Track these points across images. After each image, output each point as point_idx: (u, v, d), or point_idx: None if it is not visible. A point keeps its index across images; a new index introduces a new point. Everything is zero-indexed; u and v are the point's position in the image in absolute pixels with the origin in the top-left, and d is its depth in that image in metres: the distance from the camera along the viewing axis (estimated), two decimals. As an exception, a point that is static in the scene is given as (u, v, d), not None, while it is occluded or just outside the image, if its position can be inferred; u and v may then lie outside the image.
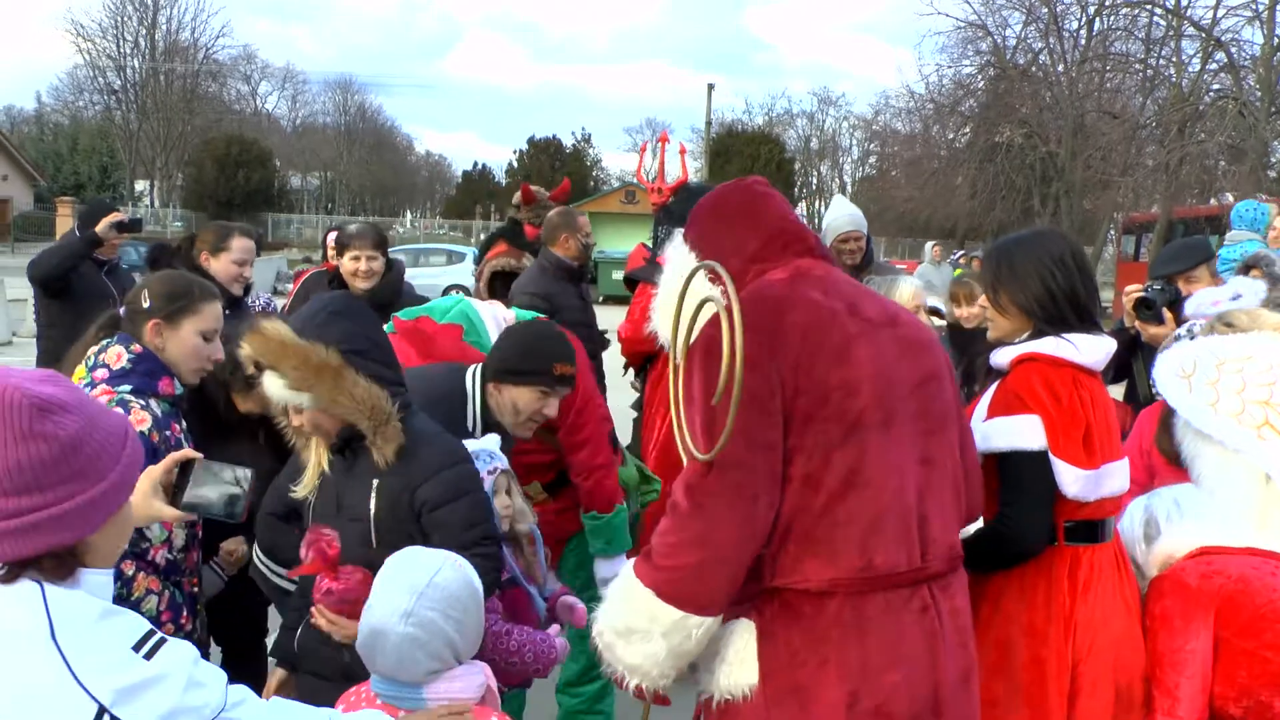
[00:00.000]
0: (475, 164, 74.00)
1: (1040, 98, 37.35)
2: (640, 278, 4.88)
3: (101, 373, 3.05)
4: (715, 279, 2.38)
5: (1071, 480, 2.78)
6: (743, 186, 2.69)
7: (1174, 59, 34.03)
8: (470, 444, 3.19)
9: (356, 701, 2.45)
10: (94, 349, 3.12)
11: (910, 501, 2.38)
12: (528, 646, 3.05)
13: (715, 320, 2.32)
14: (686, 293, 2.39)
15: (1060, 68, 37.74)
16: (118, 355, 3.07)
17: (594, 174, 68.01)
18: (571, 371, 3.56)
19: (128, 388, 3.03)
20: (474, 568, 2.52)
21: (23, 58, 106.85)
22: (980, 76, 40.05)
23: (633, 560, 2.42)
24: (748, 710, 2.37)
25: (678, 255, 2.63)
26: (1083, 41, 37.40)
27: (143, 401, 3.02)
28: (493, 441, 3.31)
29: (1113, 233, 37.00)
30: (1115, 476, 2.89)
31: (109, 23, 63.59)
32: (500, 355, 3.58)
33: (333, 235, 6.13)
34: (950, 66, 40.19)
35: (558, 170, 58.25)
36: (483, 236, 54.25)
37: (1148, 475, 4.16)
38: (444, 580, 2.40)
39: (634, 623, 2.35)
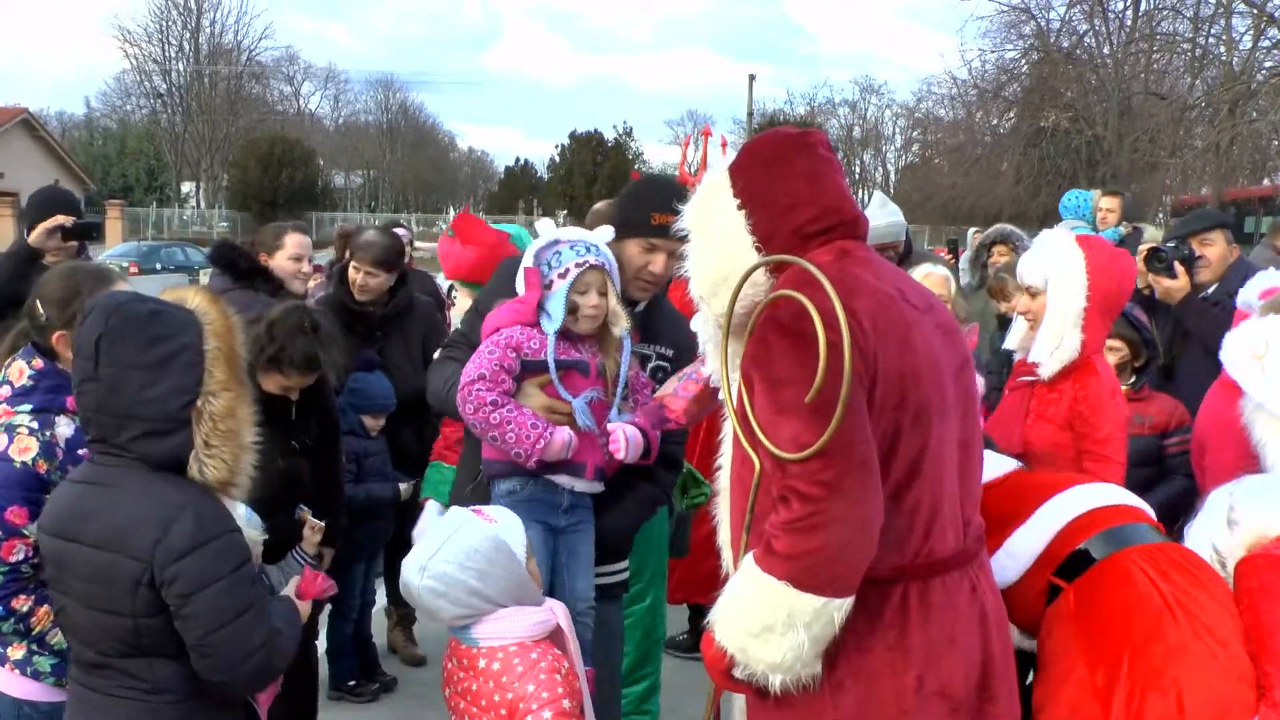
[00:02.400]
0: (517, 159, 74.18)
1: (1085, 80, 36.83)
2: None
3: (4, 390, 2.86)
4: (775, 269, 2.38)
5: None
6: (806, 145, 2.50)
7: (1224, 37, 33.38)
8: (571, 231, 3.17)
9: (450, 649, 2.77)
10: (6, 362, 2.92)
11: (955, 486, 2.40)
12: (510, 425, 2.99)
13: (787, 303, 2.26)
14: (745, 281, 2.37)
15: (1106, 49, 37.20)
16: (19, 371, 2.87)
17: (636, 167, 67.91)
18: (674, 221, 3.37)
19: (28, 408, 2.82)
20: None
21: (73, 64, 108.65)
22: (1024, 60, 39.50)
23: (749, 560, 2.30)
24: (808, 698, 2.34)
25: (720, 201, 2.48)
26: (1129, 22, 36.82)
27: (37, 424, 2.80)
28: (606, 234, 3.22)
29: (1161, 216, 36.39)
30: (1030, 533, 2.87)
31: (154, 27, 64.37)
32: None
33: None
34: (993, 51, 39.67)
35: (600, 164, 58.23)
36: (525, 231, 54.37)
37: (1237, 451, 3.98)
38: (463, 535, 2.68)
39: (769, 619, 2.24)
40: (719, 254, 2.44)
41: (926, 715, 2.32)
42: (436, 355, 3.42)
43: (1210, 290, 4.99)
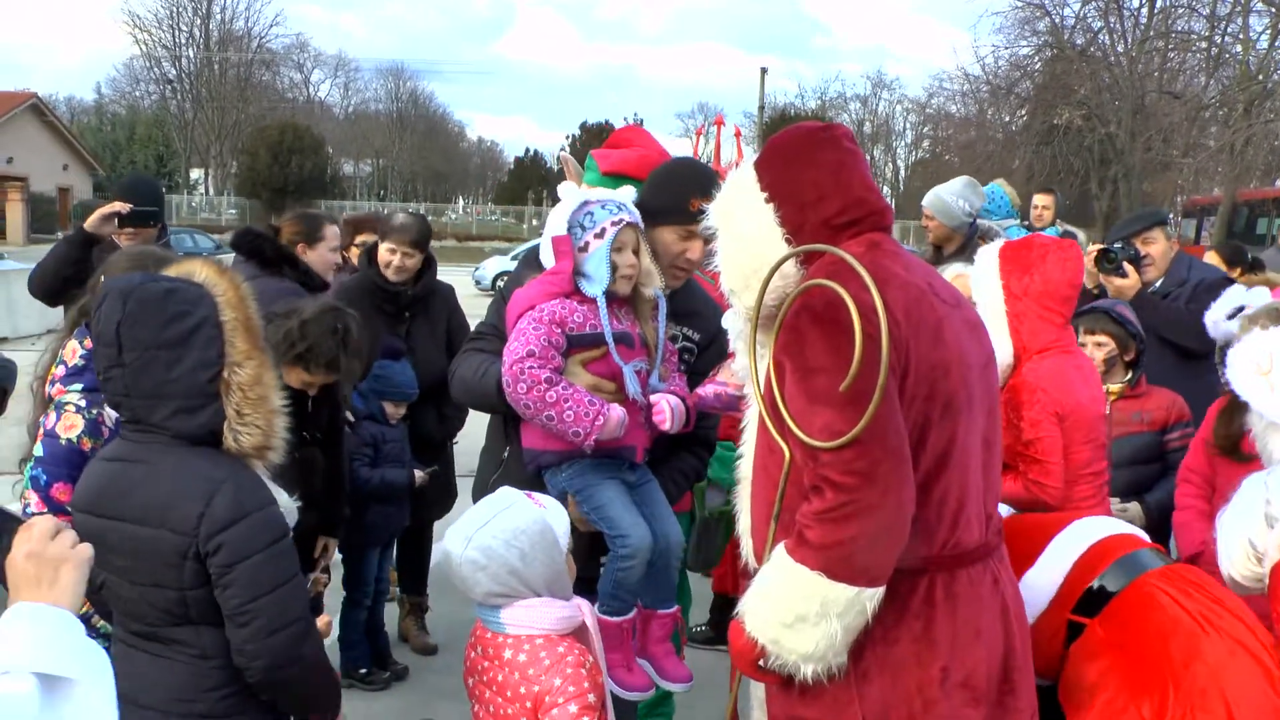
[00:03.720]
0: (527, 150, 74.20)
1: (1099, 78, 36.68)
2: None
3: (59, 370, 2.88)
4: (805, 260, 2.38)
5: None
6: (831, 138, 2.49)
7: (1241, 36, 33.27)
8: (603, 192, 3.09)
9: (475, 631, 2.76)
10: (64, 343, 2.96)
11: (979, 479, 2.41)
12: (568, 403, 2.87)
13: (820, 292, 2.25)
14: (776, 271, 2.36)
15: (1120, 47, 37.09)
16: (73, 351, 2.88)
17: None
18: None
19: (79, 387, 2.83)
20: None
21: (83, 50, 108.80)
22: (1037, 58, 39.41)
23: (780, 550, 2.28)
24: (834, 688, 2.34)
25: (747, 196, 2.48)
26: (1144, 20, 36.72)
27: (85, 402, 2.81)
28: (629, 193, 3.15)
29: (1173, 216, 36.32)
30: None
31: (164, 13, 64.65)
32: (640, 197, 3.26)
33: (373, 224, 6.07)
34: (1007, 48, 39.61)
35: (609, 156, 58.14)
36: (535, 223, 54.54)
37: (1210, 466, 3.97)
38: (513, 513, 2.64)
39: (802, 610, 2.23)
40: (749, 247, 2.44)
41: (950, 705, 2.32)
42: (463, 347, 3.29)
43: (1157, 285, 5.21)
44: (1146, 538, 3.06)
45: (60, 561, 1.75)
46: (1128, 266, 5.05)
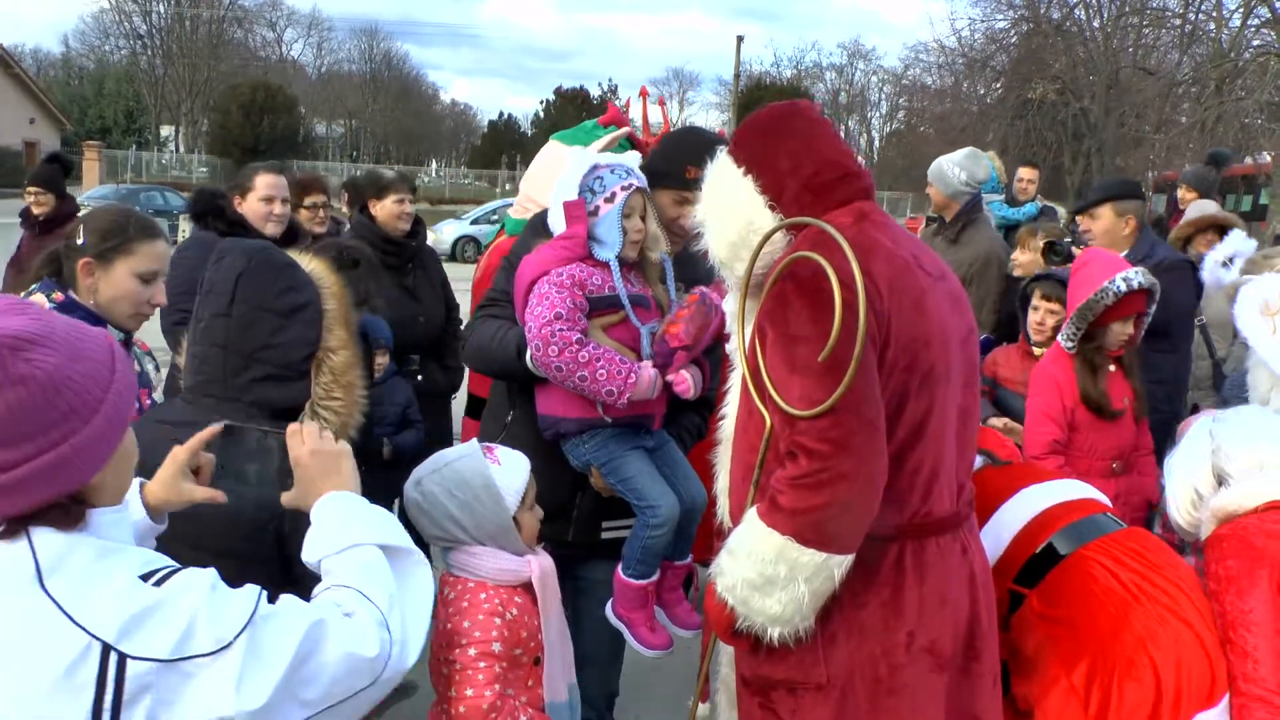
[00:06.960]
0: (501, 113, 73.63)
1: (1074, 53, 36.75)
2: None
3: None
4: (792, 230, 2.41)
5: None
6: (797, 110, 2.56)
7: (1214, 14, 33.40)
8: (610, 156, 3.12)
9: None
10: (23, 295, 2.85)
11: (953, 450, 2.45)
12: (600, 362, 2.88)
13: (806, 262, 2.29)
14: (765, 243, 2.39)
15: (1095, 23, 37.13)
16: (41, 305, 2.81)
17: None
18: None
19: None
20: None
21: (49, 1, 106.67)
22: (1013, 31, 39.41)
23: (752, 513, 2.34)
24: (800, 650, 2.38)
25: (726, 172, 2.52)
26: (1119, -4, 36.72)
27: None
28: (635, 158, 3.19)
29: (1145, 192, 36.53)
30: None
31: (135, -34, 63.33)
32: (644, 160, 3.33)
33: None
34: (983, 21, 39.60)
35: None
36: (508, 186, 54.36)
37: (1065, 431, 4.03)
38: (462, 465, 2.72)
39: (770, 573, 2.28)
40: (734, 217, 2.47)
41: (915, 670, 2.38)
42: (474, 314, 3.27)
43: None
44: (1106, 500, 3.09)
45: (339, 454, 1.99)
46: (1076, 252, 5.04)
